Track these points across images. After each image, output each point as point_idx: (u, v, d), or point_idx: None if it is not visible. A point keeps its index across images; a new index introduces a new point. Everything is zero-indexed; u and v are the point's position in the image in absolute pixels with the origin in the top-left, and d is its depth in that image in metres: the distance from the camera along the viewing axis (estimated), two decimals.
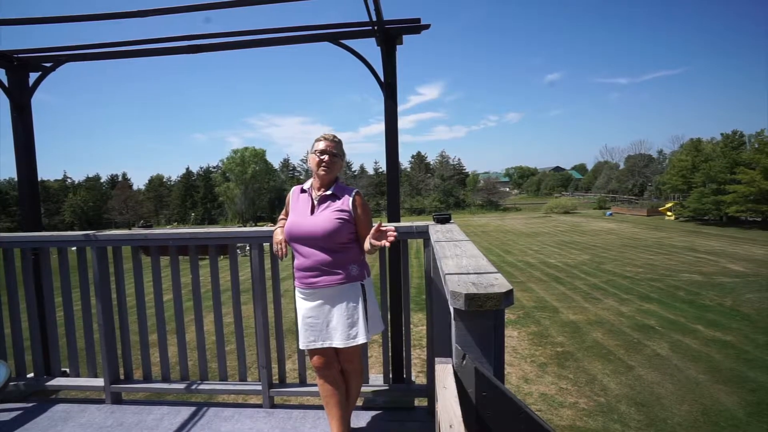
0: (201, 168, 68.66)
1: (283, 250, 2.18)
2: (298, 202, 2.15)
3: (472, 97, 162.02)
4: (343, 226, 2.02)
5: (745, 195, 28.10)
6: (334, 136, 2.13)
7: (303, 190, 2.16)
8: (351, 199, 2.07)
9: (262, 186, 58.69)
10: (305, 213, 2.08)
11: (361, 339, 2.09)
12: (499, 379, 0.99)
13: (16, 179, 3.32)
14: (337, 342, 2.03)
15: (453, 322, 1.04)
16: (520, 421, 0.87)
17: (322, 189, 2.11)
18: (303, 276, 2.06)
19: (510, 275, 13.76)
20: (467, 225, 35.42)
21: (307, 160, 2.23)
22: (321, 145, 2.08)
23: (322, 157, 2.06)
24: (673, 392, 5.93)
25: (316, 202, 2.09)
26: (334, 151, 2.08)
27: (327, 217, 2.02)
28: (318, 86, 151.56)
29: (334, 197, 2.08)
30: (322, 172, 2.07)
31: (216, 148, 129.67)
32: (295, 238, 2.07)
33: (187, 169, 68.90)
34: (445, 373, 1.07)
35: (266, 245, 2.61)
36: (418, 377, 5.67)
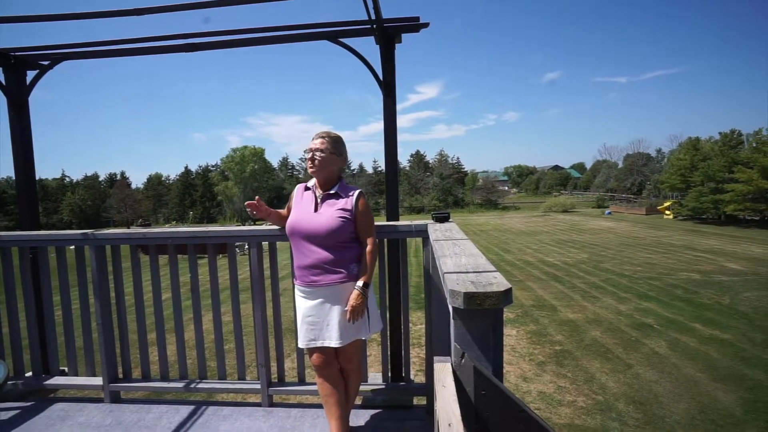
0: (200, 167, 68.52)
1: (258, 208, 2.17)
2: (302, 199, 2.16)
3: (471, 95, 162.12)
4: (345, 225, 2.03)
5: (743, 194, 28.17)
6: (328, 133, 2.12)
7: (307, 188, 2.18)
8: (354, 200, 2.08)
9: (260, 185, 58.65)
10: (309, 210, 2.09)
11: (360, 338, 2.09)
12: (497, 377, 0.99)
13: (14, 178, 3.31)
14: (337, 341, 2.03)
15: (452, 321, 1.04)
16: (518, 420, 0.87)
17: (325, 187, 2.12)
18: (303, 274, 2.06)
19: (509, 274, 13.78)
20: (466, 224, 35.44)
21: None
22: (310, 145, 2.10)
23: (308, 156, 2.10)
24: (671, 390, 5.95)
25: (319, 200, 2.10)
26: (321, 148, 2.08)
27: (330, 215, 2.03)
28: (317, 85, 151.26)
29: (338, 196, 2.09)
30: (310, 171, 2.11)
31: (215, 147, 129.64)
32: (297, 234, 2.07)
33: (186, 167, 68.81)
34: (443, 372, 1.07)
35: (265, 244, 2.60)
36: (417, 376, 5.68)
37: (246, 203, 2.21)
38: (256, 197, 2.23)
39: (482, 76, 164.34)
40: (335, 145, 2.11)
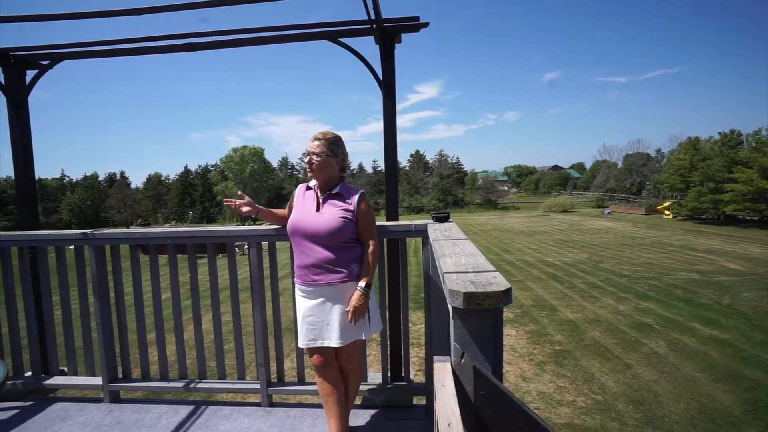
0: (199, 167, 68.40)
1: (238, 204, 2.22)
2: (303, 199, 2.16)
3: (471, 95, 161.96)
4: (346, 226, 2.04)
5: (742, 194, 28.18)
6: (324, 135, 2.11)
7: (309, 188, 2.19)
8: (357, 201, 2.09)
9: (260, 185, 58.65)
10: (311, 210, 2.09)
11: (360, 338, 2.09)
12: (497, 377, 0.99)
13: (13, 177, 3.32)
14: (337, 341, 2.03)
15: (451, 321, 1.04)
16: (518, 420, 0.87)
17: (326, 188, 2.12)
18: (304, 273, 2.06)
19: (508, 274, 13.78)
20: (466, 224, 35.45)
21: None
22: (307, 148, 2.11)
23: (306, 160, 2.13)
24: (671, 390, 5.95)
25: (321, 200, 2.10)
26: (317, 151, 2.08)
27: (332, 215, 2.04)
28: (316, 85, 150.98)
29: (340, 197, 2.10)
30: (309, 175, 2.12)
31: (214, 146, 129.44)
32: (299, 234, 2.07)
33: (185, 167, 68.71)
34: (443, 372, 1.07)
35: (265, 244, 2.61)
36: (417, 376, 5.68)
37: (225, 201, 2.24)
38: (239, 192, 2.25)
39: (482, 75, 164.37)
40: (331, 147, 2.10)
